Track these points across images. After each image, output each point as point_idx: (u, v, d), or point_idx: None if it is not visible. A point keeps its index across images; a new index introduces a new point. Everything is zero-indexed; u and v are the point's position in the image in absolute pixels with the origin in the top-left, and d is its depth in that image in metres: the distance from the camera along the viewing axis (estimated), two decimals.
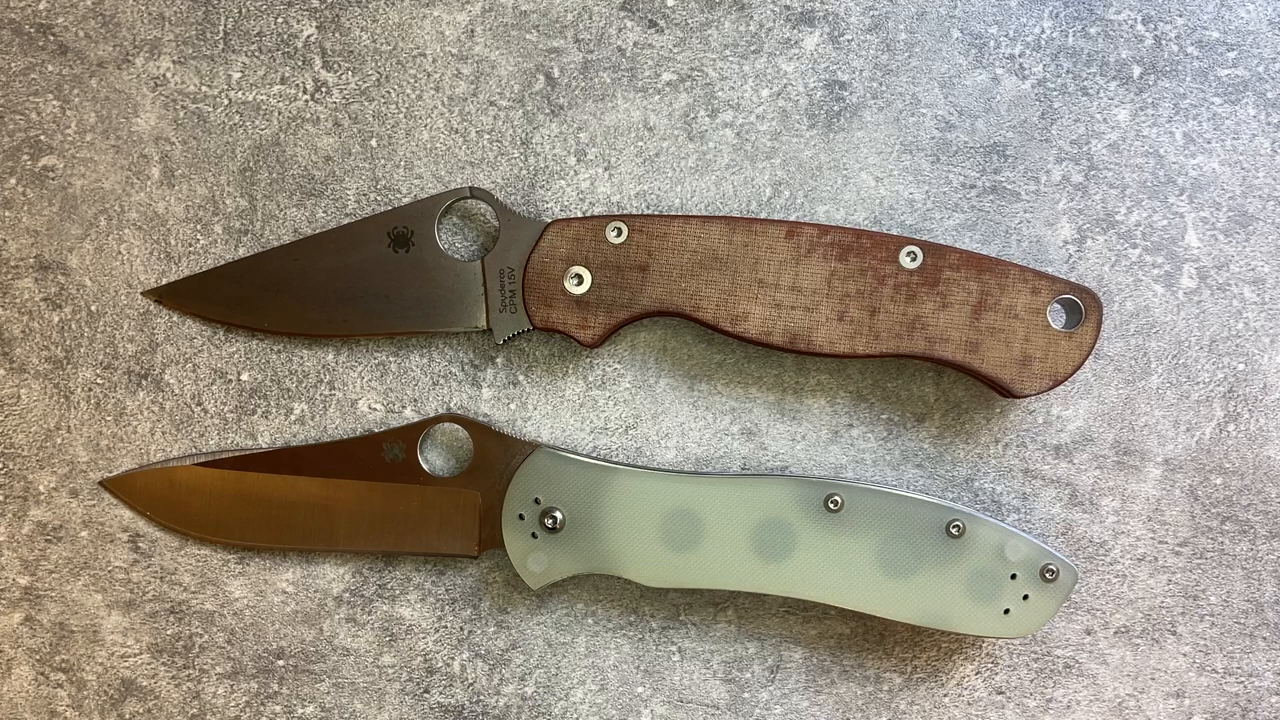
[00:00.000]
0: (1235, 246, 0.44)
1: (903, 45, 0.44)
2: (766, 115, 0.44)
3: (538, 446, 0.42)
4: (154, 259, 0.44)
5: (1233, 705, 0.44)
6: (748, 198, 0.44)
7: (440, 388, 0.44)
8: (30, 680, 0.44)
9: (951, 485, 0.43)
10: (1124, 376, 0.43)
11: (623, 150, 0.44)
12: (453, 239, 0.44)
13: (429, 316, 0.42)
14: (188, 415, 0.44)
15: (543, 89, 0.44)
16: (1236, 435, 0.44)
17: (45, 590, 0.44)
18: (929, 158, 0.44)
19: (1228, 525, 0.44)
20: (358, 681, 0.44)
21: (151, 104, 0.44)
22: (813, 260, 0.40)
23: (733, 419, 0.44)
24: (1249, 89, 0.44)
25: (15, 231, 0.44)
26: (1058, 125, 0.44)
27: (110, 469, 0.44)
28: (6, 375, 0.44)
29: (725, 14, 0.44)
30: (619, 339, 0.44)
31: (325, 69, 0.44)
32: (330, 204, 0.44)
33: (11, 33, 0.44)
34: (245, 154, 0.44)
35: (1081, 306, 0.40)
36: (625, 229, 0.41)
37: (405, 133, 0.44)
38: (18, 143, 0.44)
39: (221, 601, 0.44)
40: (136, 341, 0.44)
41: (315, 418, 0.44)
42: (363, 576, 0.44)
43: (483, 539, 0.42)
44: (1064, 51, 0.44)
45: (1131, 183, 0.44)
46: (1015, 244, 0.43)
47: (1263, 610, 0.44)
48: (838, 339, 0.41)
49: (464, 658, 0.44)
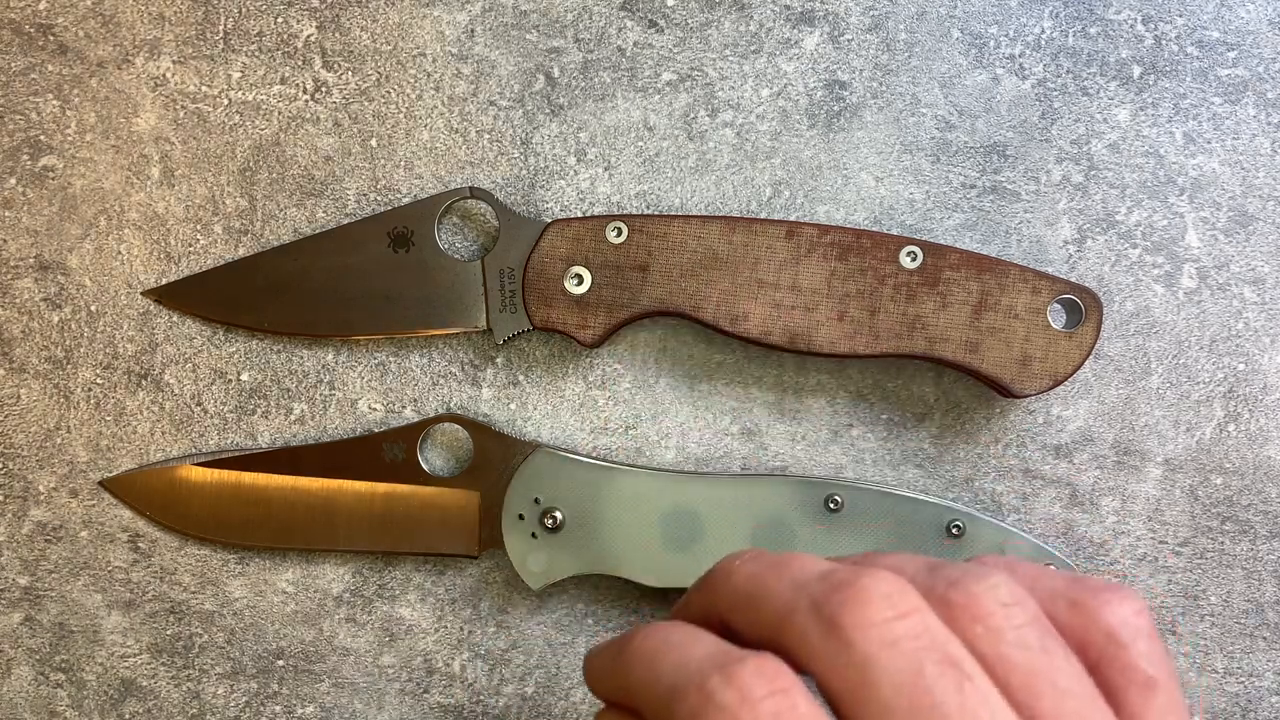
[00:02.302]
0: (1235, 246, 0.44)
1: (903, 45, 0.44)
2: (766, 115, 0.44)
3: (538, 446, 0.42)
4: (154, 259, 0.44)
5: (1233, 705, 0.44)
6: (748, 198, 0.44)
7: (440, 388, 0.44)
8: (30, 680, 0.44)
9: (951, 485, 0.43)
10: (1124, 376, 0.43)
11: (623, 150, 0.44)
12: (453, 239, 0.44)
13: (429, 316, 0.42)
14: (188, 415, 0.44)
15: (543, 89, 0.44)
16: (1237, 435, 0.43)
17: (45, 590, 0.44)
18: (929, 158, 0.44)
19: (1228, 525, 0.43)
20: (358, 681, 0.44)
21: (151, 104, 0.44)
22: (813, 260, 0.40)
23: (733, 419, 0.44)
24: (1249, 89, 0.44)
25: (15, 231, 0.44)
26: (1058, 125, 0.44)
27: (110, 469, 0.44)
28: (6, 375, 0.44)
29: (725, 14, 0.44)
30: (619, 339, 0.44)
31: (325, 69, 0.44)
32: (330, 204, 0.44)
33: (11, 33, 0.44)
34: (245, 154, 0.44)
35: (1081, 306, 0.40)
36: (625, 229, 0.41)
37: (405, 133, 0.44)
38: (18, 143, 0.44)
39: (221, 601, 0.44)
40: (136, 341, 0.44)
41: (315, 418, 0.44)
42: (363, 576, 0.44)
43: (483, 539, 0.42)
44: (1064, 51, 0.44)
45: (1131, 183, 0.44)
46: (1015, 244, 0.43)
47: (1263, 610, 0.44)
48: (838, 339, 0.41)
49: (464, 658, 0.44)
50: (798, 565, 0.24)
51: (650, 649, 0.24)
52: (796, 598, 0.23)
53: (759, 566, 0.24)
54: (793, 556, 0.24)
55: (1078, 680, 0.22)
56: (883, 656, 0.21)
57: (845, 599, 0.22)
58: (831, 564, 0.23)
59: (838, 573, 0.22)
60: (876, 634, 0.21)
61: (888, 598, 0.21)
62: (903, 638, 0.21)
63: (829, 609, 0.22)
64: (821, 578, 0.23)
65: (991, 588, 0.22)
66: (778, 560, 0.24)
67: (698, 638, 0.23)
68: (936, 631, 0.21)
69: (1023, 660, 0.22)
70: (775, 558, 0.25)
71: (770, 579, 0.24)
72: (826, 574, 0.23)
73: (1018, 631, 0.22)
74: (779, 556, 0.25)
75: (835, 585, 0.22)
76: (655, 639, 0.24)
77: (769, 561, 0.25)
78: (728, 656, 0.22)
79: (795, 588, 0.23)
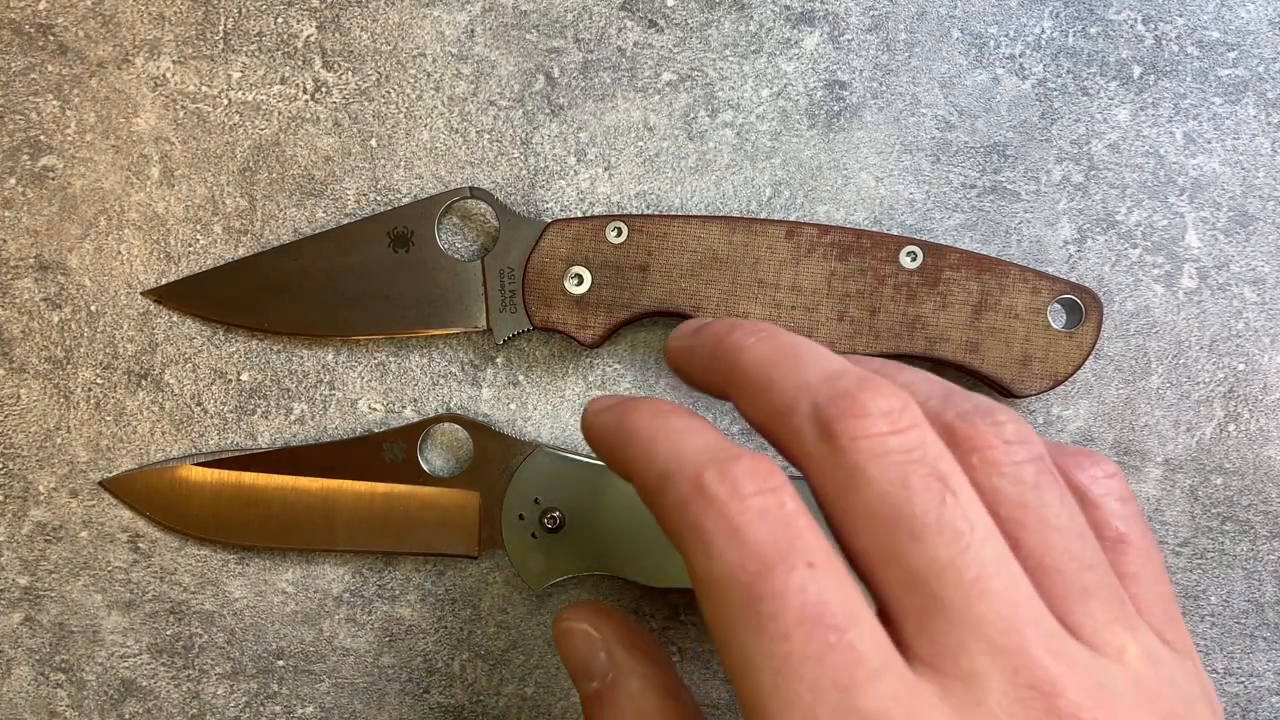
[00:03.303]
0: (1235, 246, 0.43)
1: (903, 45, 0.44)
2: (766, 115, 0.44)
3: (538, 446, 0.42)
4: (154, 259, 0.44)
5: (1233, 705, 0.44)
6: (748, 198, 0.44)
7: (440, 388, 0.44)
8: (30, 680, 0.44)
9: None
10: (1124, 376, 0.43)
11: (623, 150, 0.44)
12: (453, 239, 0.44)
13: (429, 316, 0.42)
14: (188, 415, 0.44)
15: (543, 89, 0.44)
16: (1237, 435, 0.43)
17: (45, 590, 0.44)
18: (929, 158, 0.44)
19: (1228, 525, 0.43)
20: (358, 682, 0.44)
21: (151, 104, 0.44)
22: (813, 260, 0.40)
23: (733, 419, 0.44)
24: (1249, 89, 0.44)
25: (15, 231, 0.44)
26: (1058, 125, 0.44)
27: (110, 469, 0.44)
28: (6, 375, 0.44)
29: (725, 14, 0.44)
30: (619, 339, 0.44)
31: (325, 69, 0.44)
32: (330, 204, 0.44)
33: (11, 33, 0.44)
34: (245, 154, 0.44)
35: (1082, 306, 0.40)
36: (625, 229, 0.41)
37: (405, 133, 0.44)
38: (17, 143, 0.44)
39: (221, 602, 0.44)
40: (136, 341, 0.44)
41: (315, 418, 0.44)
42: (363, 577, 0.44)
43: (483, 539, 0.42)
44: (1064, 51, 0.44)
45: (1132, 183, 0.43)
46: (1015, 244, 0.43)
47: (1263, 610, 0.44)
48: (838, 339, 0.41)
49: (464, 658, 0.44)
50: (809, 361, 0.24)
51: (650, 431, 0.24)
52: (799, 398, 0.23)
53: (770, 352, 0.24)
54: (805, 350, 0.24)
55: (1068, 518, 0.22)
56: (870, 466, 0.21)
57: (843, 410, 0.22)
58: (843, 366, 0.23)
59: (844, 379, 0.22)
60: (868, 445, 0.21)
61: (886, 414, 0.22)
62: (893, 450, 0.21)
63: (826, 416, 0.22)
64: (827, 381, 0.23)
65: (996, 424, 0.23)
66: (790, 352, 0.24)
67: (697, 428, 0.24)
68: (929, 447, 0.22)
69: (1014, 493, 0.22)
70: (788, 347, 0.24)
71: (778, 372, 0.24)
72: (833, 378, 0.23)
73: (1015, 467, 0.22)
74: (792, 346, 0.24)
75: (838, 393, 0.22)
76: (656, 422, 0.24)
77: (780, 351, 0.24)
78: (724, 452, 0.22)
79: (799, 388, 0.23)
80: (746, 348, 0.25)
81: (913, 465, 0.21)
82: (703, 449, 0.23)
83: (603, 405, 0.27)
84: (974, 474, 0.22)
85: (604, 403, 0.27)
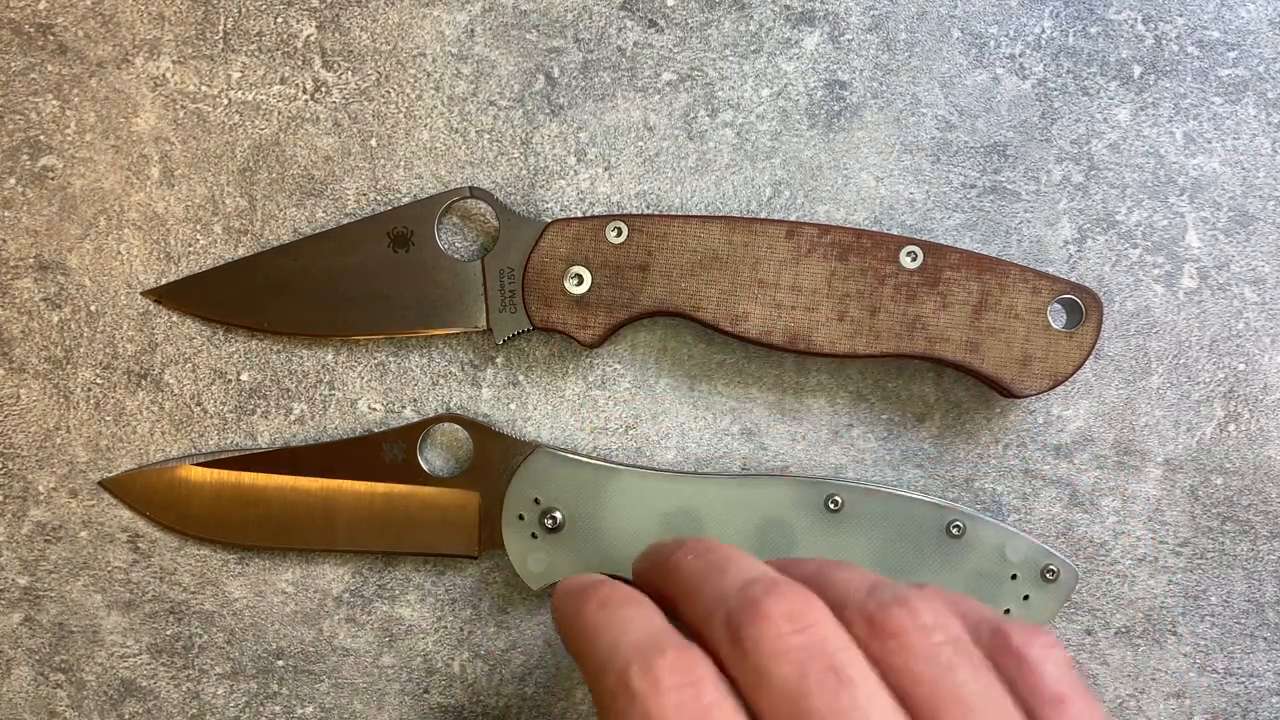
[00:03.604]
0: (1236, 246, 0.43)
1: (903, 45, 0.44)
2: (766, 115, 0.44)
3: (538, 446, 0.42)
4: (154, 259, 0.44)
5: (1233, 705, 0.44)
6: (748, 198, 0.44)
7: (440, 388, 0.44)
8: (30, 680, 0.44)
9: (951, 485, 0.43)
10: (1124, 376, 0.43)
11: (623, 150, 0.44)
12: (453, 239, 0.44)
13: (429, 316, 0.42)
14: (187, 415, 0.44)
15: (543, 89, 0.44)
16: (1237, 435, 0.43)
17: (45, 590, 0.44)
18: (929, 158, 0.44)
19: (1228, 525, 0.43)
20: (357, 682, 0.44)
21: (151, 104, 0.44)
22: (813, 260, 0.40)
23: (733, 419, 0.44)
24: (1249, 89, 0.44)
25: (15, 231, 0.44)
26: (1058, 125, 0.43)
27: (110, 469, 0.44)
28: (6, 375, 0.44)
29: (725, 14, 0.44)
30: (619, 339, 0.44)
31: (325, 69, 0.44)
32: (330, 204, 0.44)
33: (11, 33, 0.44)
34: (245, 154, 0.44)
35: (1082, 306, 0.40)
36: (625, 229, 0.41)
37: (405, 133, 0.44)
38: (17, 143, 0.44)
39: (221, 602, 0.44)
40: (136, 341, 0.44)
41: (315, 418, 0.44)
42: (362, 577, 0.44)
43: (483, 539, 0.42)
44: (1064, 51, 0.44)
45: (1132, 183, 0.43)
46: (1015, 244, 0.43)
47: (1263, 610, 0.43)
48: (838, 339, 0.41)
49: (464, 658, 0.44)
50: (731, 571, 0.26)
51: (594, 624, 0.26)
52: (717, 607, 0.25)
53: (701, 565, 0.27)
54: (729, 560, 0.27)
55: (988, 697, 0.24)
56: (771, 665, 0.23)
57: (749, 615, 0.24)
58: (760, 573, 0.26)
59: (754, 587, 0.25)
60: (769, 647, 0.24)
61: (788, 615, 0.24)
62: (793, 649, 0.23)
63: (735, 622, 0.24)
64: (741, 590, 0.25)
65: (913, 612, 0.24)
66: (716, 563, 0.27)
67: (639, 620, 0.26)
68: (829, 643, 0.24)
69: (928, 673, 0.24)
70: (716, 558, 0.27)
71: (705, 581, 0.27)
72: (746, 586, 0.25)
73: (930, 648, 0.24)
74: (719, 557, 0.27)
75: (746, 601, 0.25)
76: (602, 614, 0.27)
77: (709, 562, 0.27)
78: (654, 646, 0.24)
79: (719, 597, 0.25)
80: (684, 564, 0.28)
81: (810, 661, 0.23)
82: (634, 644, 0.24)
83: (571, 588, 0.30)
84: (891, 658, 0.24)
85: (573, 584, 0.30)
